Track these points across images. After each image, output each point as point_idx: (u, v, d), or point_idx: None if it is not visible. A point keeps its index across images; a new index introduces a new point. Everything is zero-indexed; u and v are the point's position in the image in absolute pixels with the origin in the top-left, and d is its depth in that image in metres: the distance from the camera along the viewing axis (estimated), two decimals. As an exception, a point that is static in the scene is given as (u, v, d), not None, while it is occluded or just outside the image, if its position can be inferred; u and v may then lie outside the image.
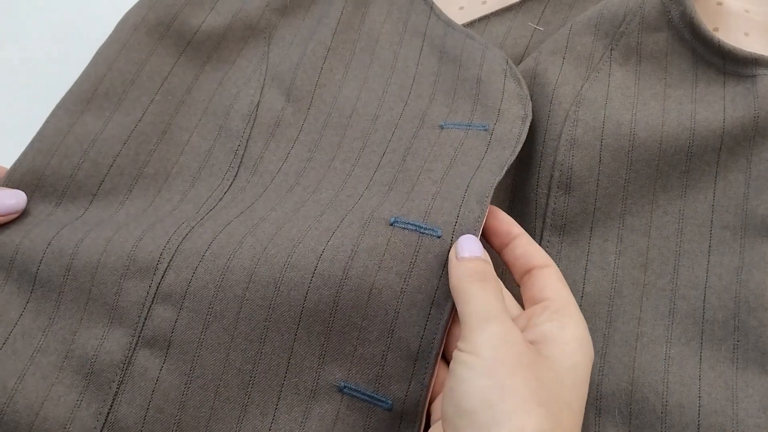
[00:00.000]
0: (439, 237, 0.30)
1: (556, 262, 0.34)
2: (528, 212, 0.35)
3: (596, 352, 0.32)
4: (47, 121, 0.36)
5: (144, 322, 0.30)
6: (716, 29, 0.39)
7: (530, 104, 0.36)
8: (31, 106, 0.42)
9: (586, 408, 0.31)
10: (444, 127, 0.36)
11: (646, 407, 0.30)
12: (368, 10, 0.43)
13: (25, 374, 0.30)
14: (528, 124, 0.35)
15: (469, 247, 0.29)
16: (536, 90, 0.37)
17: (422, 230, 0.31)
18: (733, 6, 0.39)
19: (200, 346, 0.30)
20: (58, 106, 0.36)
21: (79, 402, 0.30)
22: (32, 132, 0.36)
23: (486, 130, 0.35)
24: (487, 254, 0.30)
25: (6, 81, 0.44)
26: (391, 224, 0.31)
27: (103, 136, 0.36)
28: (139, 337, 0.30)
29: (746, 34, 0.39)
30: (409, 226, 0.31)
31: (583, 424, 0.30)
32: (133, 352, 0.30)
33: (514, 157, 0.33)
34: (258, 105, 0.38)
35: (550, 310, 0.28)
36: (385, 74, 0.40)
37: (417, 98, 0.39)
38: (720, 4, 0.39)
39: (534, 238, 0.35)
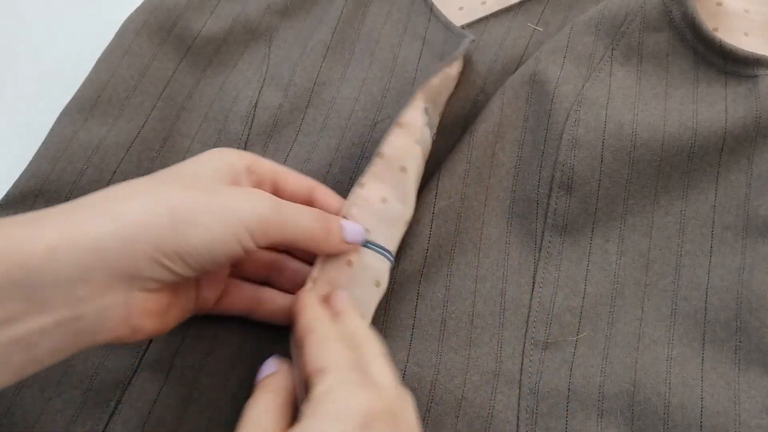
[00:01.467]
0: None
1: (557, 262, 0.34)
2: (529, 212, 0.35)
3: (598, 354, 0.32)
4: (52, 129, 0.36)
5: (148, 346, 0.31)
6: (716, 29, 0.39)
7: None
8: (34, 113, 0.42)
9: (588, 409, 0.31)
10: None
11: (649, 408, 0.30)
12: (368, 10, 0.43)
13: (23, 385, 0.30)
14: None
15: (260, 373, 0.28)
16: (536, 89, 0.37)
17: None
18: (733, 6, 0.39)
19: (200, 372, 0.30)
20: (63, 114, 0.37)
21: (75, 418, 0.30)
22: (37, 139, 0.36)
23: None
24: (278, 366, 0.28)
25: (9, 87, 0.44)
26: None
27: (106, 142, 0.36)
28: (141, 359, 0.31)
29: (746, 35, 0.39)
30: None
31: (586, 426, 0.31)
32: (135, 374, 0.30)
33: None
34: (256, 104, 0.38)
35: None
36: (384, 77, 0.40)
37: None
38: (720, 4, 0.39)
39: (536, 239, 0.35)
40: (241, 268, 0.31)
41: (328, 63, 0.40)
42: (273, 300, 0.31)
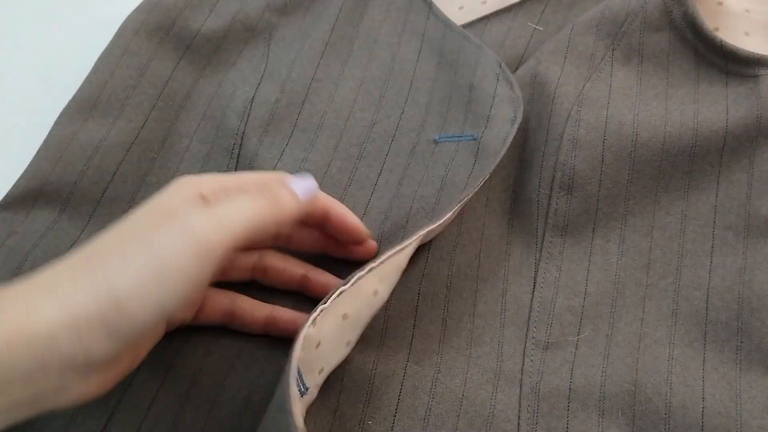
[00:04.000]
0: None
1: (558, 262, 0.34)
2: (530, 213, 0.35)
3: (599, 354, 0.32)
4: (52, 130, 0.36)
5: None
6: (716, 29, 0.39)
7: (522, 107, 0.35)
8: (34, 113, 0.42)
9: (589, 409, 0.31)
10: (438, 141, 0.37)
11: (650, 408, 0.30)
12: (367, 8, 0.43)
13: None
14: (516, 126, 0.35)
15: None
16: (537, 89, 0.37)
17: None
18: (734, 6, 0.39)
19: (200, 372, 0.30)
20: (62, 114, 0.37)
21: (74, 418, 0.29)
22: (37, 139, 0.36)
23: (475, 139, 0.35)
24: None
25: (10, 87, 0.44)
26: None
27: (106, 143, 0.36)
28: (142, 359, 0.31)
29: (747, 34, 0.39)
30: None
31: (587, 425, 0.31)
32: (134, 373, 0.30)
33: (495, 163, 0.33)
34: (252, 100, 0.38)
35: None
36: (383, 76, 0.40)
37: (414, 105, 0.38)
38: (720, 4, 0.39)
39: (536, 239, 0.35)
40: (222, 275, 0.31)
41: (326, 60, 0.40)
42: (247, 313, 0.31)
